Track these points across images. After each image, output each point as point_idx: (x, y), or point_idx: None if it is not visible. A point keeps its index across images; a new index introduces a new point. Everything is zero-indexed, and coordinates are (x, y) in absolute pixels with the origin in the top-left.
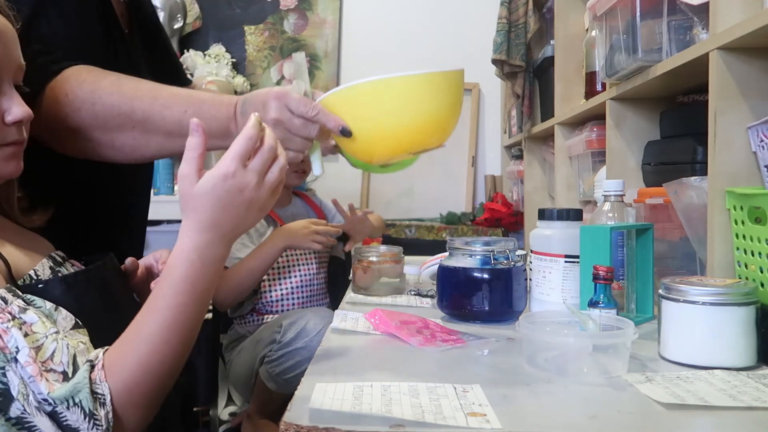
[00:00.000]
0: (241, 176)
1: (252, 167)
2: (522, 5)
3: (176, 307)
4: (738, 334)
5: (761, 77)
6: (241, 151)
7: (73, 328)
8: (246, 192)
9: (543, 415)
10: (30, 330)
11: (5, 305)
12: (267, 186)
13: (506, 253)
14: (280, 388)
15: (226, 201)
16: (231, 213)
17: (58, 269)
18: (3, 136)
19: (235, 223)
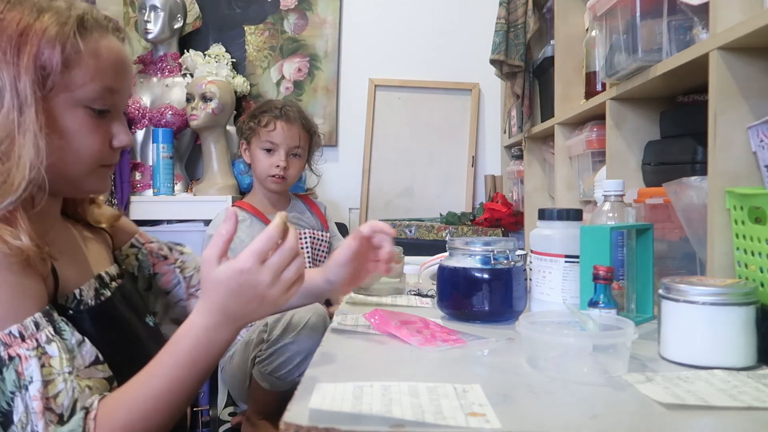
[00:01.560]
0: (256, 272)
1: (268, 265)
2: (521, 5)
3: (175, 379)
4: (738, 334)
5: (761, 77)
6: (260, 248)
7: (92, 364)
8: (259, 288)
9: (543, 415)
10: (48, 362)
11: (36, 331)
12: (282, 283)
13: (506, 253)
14: (274, 387)
15: (238, 293)
16: (242, 304)
17: (102, 291)
18: (106, 158)
19: (245, 313)
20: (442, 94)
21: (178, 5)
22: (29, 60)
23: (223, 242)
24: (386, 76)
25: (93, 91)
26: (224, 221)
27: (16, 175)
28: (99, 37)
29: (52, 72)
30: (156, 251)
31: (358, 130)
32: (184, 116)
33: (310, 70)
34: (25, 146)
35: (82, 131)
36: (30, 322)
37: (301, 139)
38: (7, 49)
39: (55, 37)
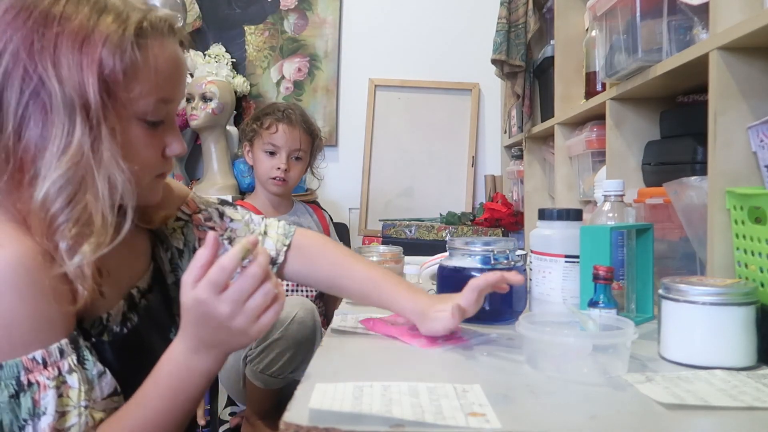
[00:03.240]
0: (212, 305)
1: (225, 297)
2: (522, 5)
3: (158, 409)
4: (738, 334)
5: (761, 77)
6: (213, 280)
7: (109, 395)
8: (221, 319)
9: (543, 415)
10: (67, 393)
11: (59, 359)
12: (247, 313)
13: (506, 253)
14: (268, 385)
15: (202, 322)
16: (210, 333)
17: (129, 315)
18: (160, 168)
19: (218, 341)
20: (442, 94)
21: (178, 5)
22: (93, 74)
23: (199, 267)
24: (386, 76)
25: (149, 104)
26: (203, 246)
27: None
28: (156, 45)
29: (113, 85)
30: (203, 223)
31: (358, 130)
32: (184, 116)
33: (310, 70)
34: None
35: (137, 145)
36: (55, 348)
37: (303, 142)
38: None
39: (115, 46)
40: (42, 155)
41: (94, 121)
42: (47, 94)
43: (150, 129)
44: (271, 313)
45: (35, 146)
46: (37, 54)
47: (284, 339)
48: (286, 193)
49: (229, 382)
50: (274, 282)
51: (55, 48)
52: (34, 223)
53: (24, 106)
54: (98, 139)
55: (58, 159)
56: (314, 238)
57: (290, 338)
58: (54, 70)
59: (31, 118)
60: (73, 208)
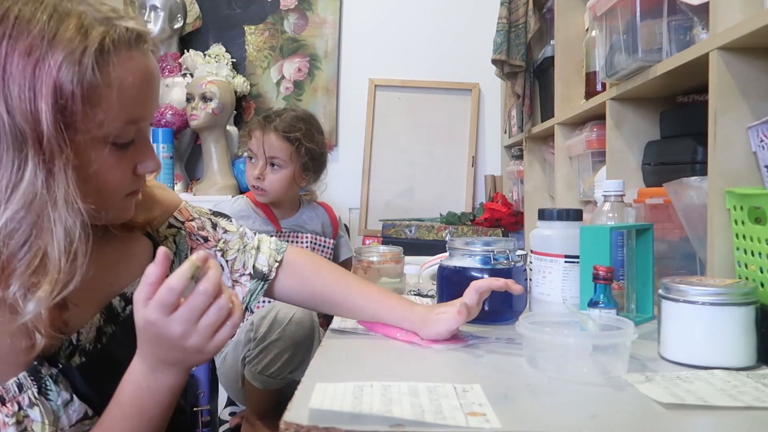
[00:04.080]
0: (162, 325)
1: (176, 317)
2: (522, 5)
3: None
4: (738, 334)
5: (761, 77)
6: (161, 300)
7: (78, 421)
8: (174, 340)
9: (543, 415)
10: (30, 427)
11: (18, 393)
12: (201, 332)
13: (506, 253)
14: (267, 385)
15: (156, 342)
16: (166, 351)
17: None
18: (130, 187)
19: (175, 359)
20: (442, 94)
21: (178, 5)
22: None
23: (149, 285)
24: (386, 76)
25: (114, 128)
26: (153, 263)
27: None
28: (121, 61)
29: (69, 114)
30: (196, 231)
31: (358, 130)
32: (184, 116)
33: (310, 70)
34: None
35: (104, 169)
36: (12, 384)
37: (279, 150)
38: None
39: (73, 69)
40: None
41: (47, 154)
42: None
43: (119, 151)
44: (226, 328)
45: None
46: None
47: (282, 340)
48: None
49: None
50: (227, 296)
51: (3, 71)
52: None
53: None
54: (52, 174)
55: (8, 199)
56: (306, 255)
57: (288, 339)
58: (2, 97)
59: None
60: (25, 254)
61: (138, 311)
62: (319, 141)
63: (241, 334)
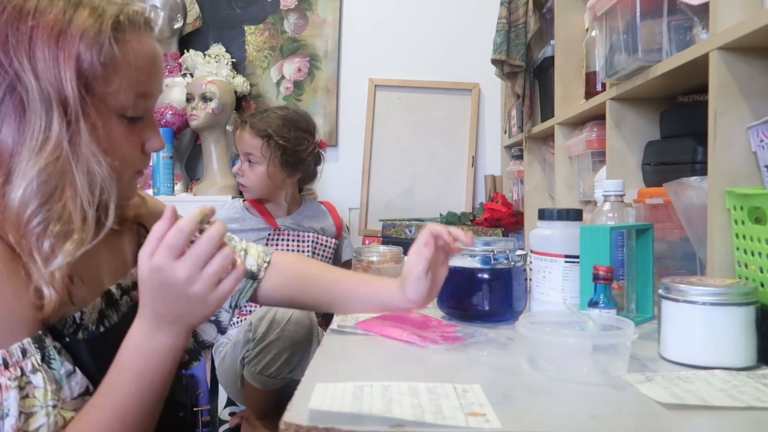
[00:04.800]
0: (169, 270)
1: (182, 261)
2: (522, 5)
3: (125, 395)
4: (738, 334)
5: (761, 77)
6: (170, 243)
7: (80, 395)
8: (178, 286)
9: (543, 415)
10: (32, 393)
11: (21, 359)
12: (205, 279)
13: (506, 253)
14: (266, 386)
15: (160, 293)
16: (168, 304)
17: (107, 313)
18: (139, 164)
19: (177, 314)
20: (442, 94)
21: (178, 5)
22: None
23: (155, 239)
24: (386, 76)
25: (128, 99)
26: (161, 219)
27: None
28: (134, 39)
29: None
30: None
31: (358, 130)
32: (184, 116)
33: (310, 70)
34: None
35: (117, 141)
36: (16, 348)
37: (251, 146)
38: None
39: (92, 40)
40: (19, 152)
41: (73, 116)
42: (23, 90)
43: (129, 124)
44: (229, 279)
45: (12, 144)
46: (12, 49)
47: (281, 340)
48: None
49: (227, 382)
50: (231, 248)
51: (31, 42)
52: (10, 223)
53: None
54: (77, 134)
55: (36, 156)
56: (293, 256)
57: (287, 339)
58: (30, 65)
59: (7, 114)
60: (52, 206)
61: (143, 265)
62: (293, 137)
63: (240, 334)
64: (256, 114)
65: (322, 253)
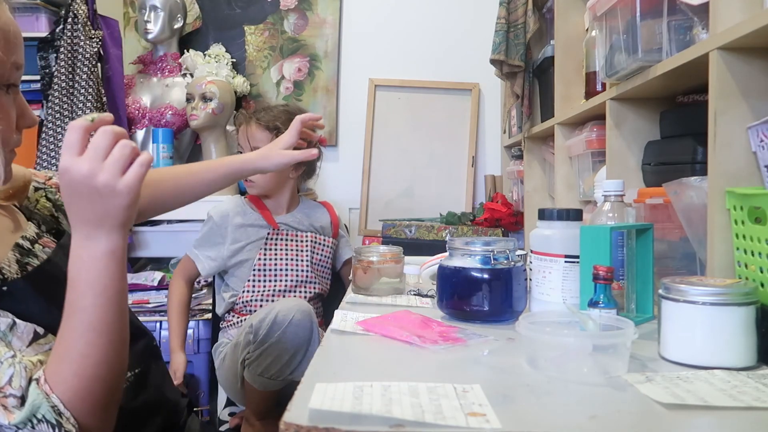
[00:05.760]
0: (73, 167)
1: (83, 157)
2: (521, 5)
3: (87, 308)
4: (738, 334)
5: (761, 77)
6: (67, 142)
7: (32, 341)
8: (85, 181)
9: (543, 415)
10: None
11: None
12: (109, 168)
13: (506, 253)
14: (267, 387)
15: (73, 196)
16: (84, 206)
17: (26, 261)
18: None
19: (97, 214)
20: (442, 94)
21: (178, 5)
22: None
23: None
24: (386, 76)
25: (6, 70)
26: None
27: None
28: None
29: None
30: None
31: (358, 130)
32: (184, 116)
33: (310, 70)
34: None
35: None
36: None
37: (260, 140)
38: None
39: None
40: None
41: None
42: None
43: (5, 95)
44: (135, 166)
45: None
46: None
47: (282, 342)
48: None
49: (227, 383)
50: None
51: None
52: None
53: None
54: None
55: None
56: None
57: (288, 341)
58: None
59: None
60: None
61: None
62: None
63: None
64: (260, 110)
65: (321, 252)
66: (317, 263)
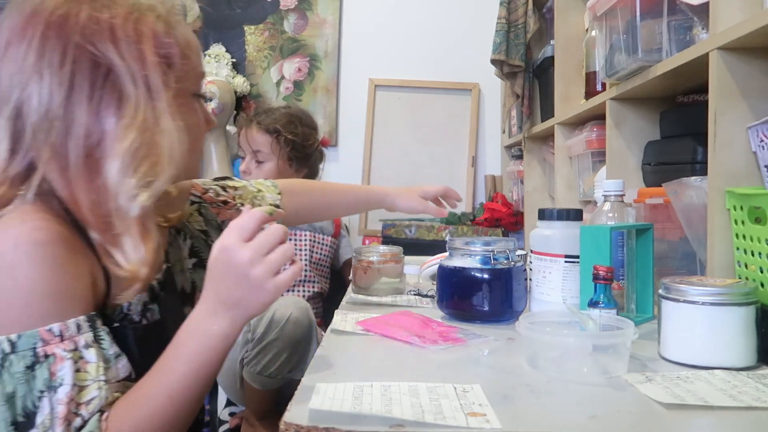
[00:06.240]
0: (235, 250)
1: (250, 244)
2: (521, 5)
3: (176, 374)
4: (738, 334)
5: (761, 77)
6: (240, 224)
7: (124, 379)
8: (241, 268)
9: (543, 415)
10: (84, 368)
11: (76, 333)
12: (267, 264)
13: (506, 253)
14: (266, 386)
15: (223, 273)
16: (230, 286)
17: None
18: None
19: (236, 299)
20: (442, 94)
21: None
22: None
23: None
24: (386, 76)
25: (197, 77)
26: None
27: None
28: (183, 27)
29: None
30: (215, 200)
31: (358, 130)
32: None
33: (310, 70)
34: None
35: (194, 118)
36: (73, 323)
37: (261, 143)
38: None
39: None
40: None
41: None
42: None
43: (196, 102)
44: (287, 273)
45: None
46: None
47: (280, 340)
48: None
49: (226, 383)
50: (292, 246)
51: (112, 30)
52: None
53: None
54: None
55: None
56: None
57: (286, 339)
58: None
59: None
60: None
61: (214, 249)
62: (301, 132)
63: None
64: (261, 112)
65: (320, 251)
66: (316, 262)
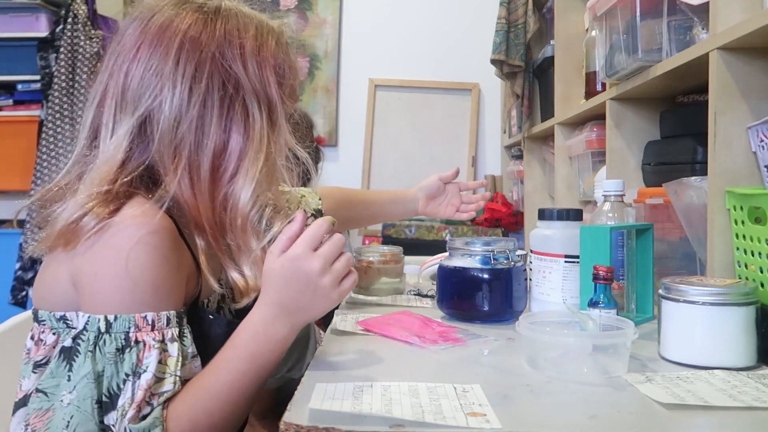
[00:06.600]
0: (307, 258)
1: (319, 253)
2: (521, 5)
3: (234, 372)
4: (738, 334)
5: (761, 77)
6: (312, 235)
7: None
8: (311, 276)
9: (543, 415)
10: (166, 360)
11: (165, 326)
12: (333, 273)
13: (506, 253)
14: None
15: (291, 281)
16: (295, 294)
17: (222, 305)
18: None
19: (299, 305)
20: (442, 94)
21: None
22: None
23: (287, 239)
24: (386, 76)
25: (293, 100)
26: (293, 222)
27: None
28: (293, 50)
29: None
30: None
31: (358, 130)
32: None
33: (310, 70)
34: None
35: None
36: (164, 315)
37: None
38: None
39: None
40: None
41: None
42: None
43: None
44: (349, 279)
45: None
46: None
47: None
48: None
49: None
50: (352, 258)
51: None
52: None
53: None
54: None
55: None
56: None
57: None
58: (245, 73)
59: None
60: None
61: (274, 259)
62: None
63: None
64: None
65: None
66: None
